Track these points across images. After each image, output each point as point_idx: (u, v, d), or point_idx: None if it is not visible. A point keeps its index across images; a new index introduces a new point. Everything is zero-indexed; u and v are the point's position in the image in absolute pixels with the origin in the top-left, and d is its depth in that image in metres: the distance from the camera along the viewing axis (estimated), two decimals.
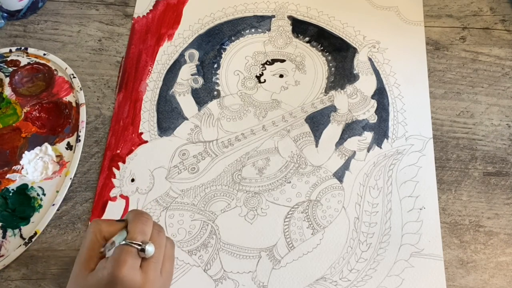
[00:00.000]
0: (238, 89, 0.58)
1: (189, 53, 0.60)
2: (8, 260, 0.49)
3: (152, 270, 0.39)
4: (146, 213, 0.42)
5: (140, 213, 0.42)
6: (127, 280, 0.37)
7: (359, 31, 0.62)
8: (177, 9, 0.63)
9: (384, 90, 0.58)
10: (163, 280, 0.41)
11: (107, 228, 0.41)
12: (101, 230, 0.40)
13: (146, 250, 0.39)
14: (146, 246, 0.39)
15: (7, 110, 0.56)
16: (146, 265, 0.39)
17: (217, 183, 0.53)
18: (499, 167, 0.54)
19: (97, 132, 0.56)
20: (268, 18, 0.63)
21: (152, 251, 0.39)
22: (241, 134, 0.56)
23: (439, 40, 0.61)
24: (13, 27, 0.62)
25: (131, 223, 0.41)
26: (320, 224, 0.51)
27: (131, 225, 0.40)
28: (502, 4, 0.64)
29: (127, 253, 0.38)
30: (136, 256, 0.39)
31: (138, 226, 0.40)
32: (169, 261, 0.43)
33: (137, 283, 0.38)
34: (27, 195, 0.52)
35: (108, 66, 0.60)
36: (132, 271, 0.38)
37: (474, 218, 0.52)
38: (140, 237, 0.39)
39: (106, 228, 0.41)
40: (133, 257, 0.38)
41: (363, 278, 0.49)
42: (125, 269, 0.37)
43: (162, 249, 0.41)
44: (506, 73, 0.59)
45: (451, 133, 0.56)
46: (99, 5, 0.64)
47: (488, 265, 0.49)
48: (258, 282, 0.48)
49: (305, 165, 0.54)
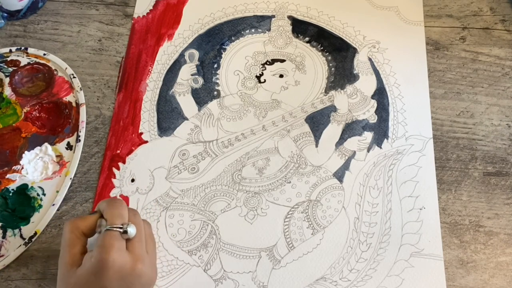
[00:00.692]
0: (238, 89, 0.58)
1: (189, 53, 0.60)
2: (8, 260, 0.49)
3: (138, 248, 0.41)
4: (118, 198, 0.43)
5: (112, 200, 0.43)
6: (117, 262, 0.38)
7: (359, 31, 0.62)
8: (177, 9, 0.63)
9: (384, 90, 0.58)
10: (149, 257, 0.42)
11: (83, 223, 0.42)
12: (78, 226, 0.41)
13: (128, 231, 0.40)
14: (127, 227, 0.40)
15: (7, 110, 0.56)
16: (131, 245, 0.40)
17: (217, 183, 0.53)
18: (499, 167, 0.54)
19: (97, 132, 0.56)
20: (268, 18, 0.63)
21: (134, 232, 0.41)
22: (241, 134, 0.56)
23: (439, 40, 0.61)
24: (13, 27, 0.62)
25: (107, 210, 0.41)
26: (320, 224, 0.51)
27: (107, 212, 0.41)
28: (502, 4, 0.64)
29: (111, 237, 0.39)
30: (120, 239, 0.40)
31: (115, 211, 0.41)
32: (150, 239, 0.45)
33: (127, 263, 0.39)
34: (27, 195, 0.52)
35: (108, 66, 0.60)
36: (120, 252, 0.39)
37: (474, 218, 0.52)
38: (119, 220, 0.40)
39: (82, 224, 0.42)
40: (118, 240, 0.39)
41: (363, 278, 0.49)
42: (113, 252, 0.38)
43: (142, 229, 0.42)
44: (506, 73, 0.59)
45: (451, 133, 0.56)
46: (99, 5, 0.64)
47: (488, 265, 0.49)
48: (258, 282, 0.48)
49: (305, 165, 0.54)
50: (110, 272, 0.38)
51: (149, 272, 0.41)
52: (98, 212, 0.43)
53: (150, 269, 0.42)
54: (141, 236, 0.42)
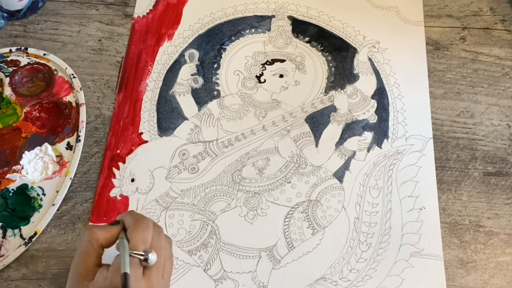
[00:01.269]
0: (238, 89, 0.58)
1: (189, 53, 0.60)
2: (8, 260, 0.49)
3: (155, 277, 0.39)
4: (145, 217, 0.41)
5: (140, 218, 0.41)
6: None
7: (359, 31, 0.62)
8: (177, 9, 0.63)
9: (384, 90, 0.58)
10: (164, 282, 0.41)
11: (103, 235, 0.40)
12: (98, 238, 0.40)
13: (149, 259, 0.38)
14: (149, 255, 0.38)
15: (7, 110, 0.56)
16: (149, 272, 0.39)
17: (217, 183, 0.53)
18: (499, 167, 0.54)
19: (97, 132, 0.56)
20: (268, 18, 0.63)
21: (154, 260, 0.39)
22: (241, 134, 0.56)
23: (439, 40, 0.61)
24: (13, 27, 0.62)
25: (132, 230, 0.40)
26: (320, 224, 0.51)
27: (132, 233, 0.39)
28: (502, 4, 0.64)
29: (133, 265, 0.37)
30: (138, 266, 0.38)
31: (139, 234, 0.39)
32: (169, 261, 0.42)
33: None
34: (27, 195, 0.52)
35: (108, 66, 0.60)
36: (135, 282, 0.37)
37: (474, 218, 0.52)
38: (142, 246, 0.39)
39: (102, 236, 0.40)
40: (136, 268, 0.38)
41: (363, 278, 0.49)
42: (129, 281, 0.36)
43: (162, 253, 0.40)
44: (506, 73, 0.59)
45: (451, 133, 0.56)
46: (99, 5, 0.64)
47: (488, 265, 0.49)
48: (258, 282, 0.48)
49: (305, 165, 0.54)
50: None
51: None
52: (120, 223, 0.41)
53: None
54: (160, 262, 0.40)
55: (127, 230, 0.40)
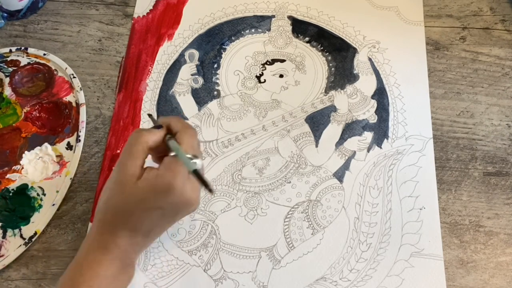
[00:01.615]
0: (238, 89, 0.58)
1: (189, 53, 0.60)
2: (8, 260, 0.49)
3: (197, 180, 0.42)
4: (192, 127, 0.44)
5: (187, 125, 0.44)
6: (180, 189, 0.40)
7: (359, 31, 0.62)
8: (177, 9, 0.63)
9: (384, 90, 0.58)
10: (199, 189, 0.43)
11: (151, 137, 0.42)
12: (147, 140, 0.42)
13: (196, 163, 0.41)
14: (196, 160, 0.41)
15: (7, 110, 0.56)
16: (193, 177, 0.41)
17: (217, 183, 0.53)
18: (499, 167, 0.54)
19: (97, 132, 0.56)
20: (268, 18, 0.63)
21: (201, 165, 0.42)
22: (241, 134, 0.56)
23: (439, 40, 0.61)
24: (13, 27, 0.62)
25: (183, 135, 0.42)
26: (320, 224, 0.51)
27: (184, 138, 0.42)
28: (502, 4, 0.64)
29: (181, 165, 0.40)
30: (186, 167, 0.41)
31: (189, 139, 0.42)
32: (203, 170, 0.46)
33: (187, 192, 0.41)
34: (27, 195, 0.52)
35: (108, 66, 0.60)
36: (184, 181, 0.40)
37: (474, 218, 0.52)
38: (191, 151, 0.42)
39: (150, 138, 0.42)
40: (185, 168, 0.40)
41: (363, 278, 0.49)
42: (178, 179, 0.40)
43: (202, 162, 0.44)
44: (506, 73, 0.59)
45: (451, 133, 0.56)
46: (99, 5, 0.64)
47: (488, 265, 0.49)
48: (258, 282, 0.48)
49: (305, 165, 0.54)
50: (171, 197, 0.40)
51: (198, 203, 0.43)
52: (164, 127, 0.44)
53: (199, 199, 0.43)
54: (202, 169, 0.43)
55: (177, 134, 0.43)
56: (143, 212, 0.40)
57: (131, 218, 0.41)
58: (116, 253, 0.41)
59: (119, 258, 0.41)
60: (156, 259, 0.49)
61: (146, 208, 0.40)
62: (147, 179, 0.40)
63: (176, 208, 0.41)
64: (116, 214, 0.41)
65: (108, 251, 0.41)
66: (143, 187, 0.40)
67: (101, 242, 0.41)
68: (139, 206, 0.40)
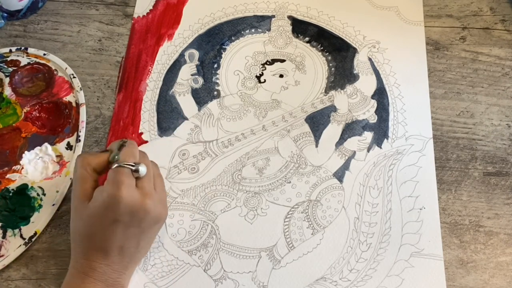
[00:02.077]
0: (238, 89, 0.58)
1: (189, 53, 0.60)
2: (8, 260, 0.49)
3: (147, 186, 0.42)
4: (131, 140, 0.45)
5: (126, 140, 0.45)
6: (127, 198, 0.40)
7: (359, 31, 0.62)
8: (177, 9, 0.63)
9: (384, 90, 0.58)
10: (158, 195, 0.44)
11: (94, 160, 0.43)
12: (89, 163, 0.43)
13: (139, 170, 0.42)
14: (139, 166, 0.42)
15: (7, 110, 0.56)
16: (141, 183, 0.42)
17: (217, 183, 0.53)
18: (499, 167, 0.54)
19: (97, 132, 0.56)
20: (268, 18, 0.63)
21: (144, 171, 0.42)
22: (241, 134, 0.56)
23: (439, 40, 0.61)
24: (13, 27, 0.62)
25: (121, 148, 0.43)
26: (320, 224, 0.51)
27: (121, 150, 0.43)
28: (502, 4, 0.64)
29: (123, 174, 0.41)
30: (130, 176, 0.41)
31: (127, 149, 0.43)
32: (159, 178, 0.46)
33: (137, 200, 0.41)
34: (27, 195, 0.52)
35: (108, 66, 0.60)
36: (130, 189, 0.41)
37: (474, 218, 0.52)
38: (131, 159, 0.42)
39: (93, 161, 0.43)
40: (128, 177, 0.41)
41: (363, 278, 0.49)
42: (123, 188, 0.40)
43: (150, 169, 0.44)
44: (506, 73, 0.59)
45: (451, 133, 0.56)
46: (99, 5, 0.64)
47: (488, 265, 0.49)
48: (258, 282, 0.48)
49: (305, 165, 0.54)
50: (121, 207, 0.40)
51: (158, 208, 0.43)
52: (110, 151, 0.44)
53: (159, 205, 0.43)
54: (149, 175, 0.43)
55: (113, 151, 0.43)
56: (103, 230, 0.41)
57: (95, 239, 0.42)
58: (95, 276, 0.42)
59: (100, 281, 0.42)
60: (156, 259, 0.49)
61: (103, 225, 0.41)
62: (96, 198, 0.41)
63: (133, 217, 0.41)
64: (82, 238, 0.42)
65: (87, 276, 0.42)
66: (94, 207, 0.41)
67: (79, 268, 0.42)
68: (97, 225, 0.41)
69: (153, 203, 0.42)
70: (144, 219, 0.42)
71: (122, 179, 0.40)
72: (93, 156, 0.43)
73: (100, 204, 0.40)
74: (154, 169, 0.46)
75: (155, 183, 0.44)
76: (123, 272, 0.44)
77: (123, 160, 0.42)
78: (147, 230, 0.43)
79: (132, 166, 0.42)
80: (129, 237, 0.42)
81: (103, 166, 0.43)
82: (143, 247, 0.45)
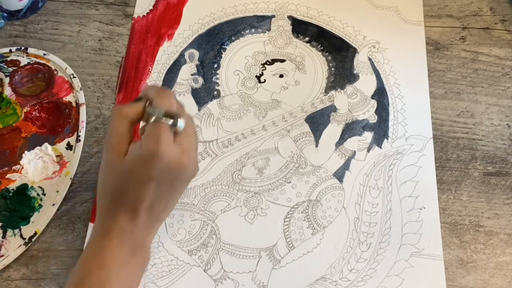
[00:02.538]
0: (238, 89, 0.58)
1: (189, 53, 0.60)
2: (8, 260, 0.49)
3: (185, 142, 0.40)
4: (167, 88, 0.42)
5: (161, 89, 0.42)
6: (166, 154, 0.38)
7: (359, 31, 0.62)
8: (177, 9, 0.63)
9: (384, 90, 0.58)
10: (194, 152, 0.42)
11: (131, 111, 0.41)
12: (127, 114, 0.41)
13: (178, 124, 0.39)
14: (178, 120, 0.39)
15: (7, 110, 0.56)
16: (179, 138, 0.40)
17: (217, 183, 0.53)
18: (499, 167, 0.54)
19: (97, 132, 0.56)
20: (268, 18, 0.63)
21: (183, 125, 0.40)
22: (241, 134, 0.56)
23: (439, 40, 0.61)
24: (13, 27, 0.62)
25: (157, 98, 0.40)
26: (320, 224, 0.51)
27: (158, 101, 0.40)
28: (502, 4, 0.64)
29: (161, 129, 0.38)
30: (168, 131, 0.39)
31: (165, 101, 0.40)
32: (194, 134, 0.43)
33: (175, 156, 0.39)
34: (27, 195, 0.52)
35: (108, 66, 0.60)
36: (169, 145, 0.38)
37: (474, 218, 0.52)
38: (170, 111, 0.40)
39: (130, 112, 0.41)
40: (167, 132, 0.39)
41: (363, 278, 0.49)
42: (162, 144, 0.38)
43: (188, 123, 0.41)
44: (506, 73, 0.59)
45: (451, 133, 0.56)
46: (99, 5, 0.64)
47: (488, 265, 0.49)
48: (258, 282, 0.48)
49: (305, 165, 0.54)
50: (158, 163, 0.38)
51: (194, 166, 0.41)
52: (143, 99, 0.42)
53: (194, 162, 0.42)
54: (188, 130, 0.41)
55: (153, 101, 0.41)
56: (136, 187, 0.39)
57: (127, 196, 0.39)
58: (122, 236, 0.39)
59: (126, 242, 0.39)
60: (156, 259, 0.49)
61: (138, 181, 0.39)
62: (133, 153, 0.39)
63: (168, 175, 0.39)
64: (112, 195, 0.40)
65: (112, 237, 0.39)
66: (130, 161, 0.39)
67: (104, 228, 0.40)
68: (131, 182, 0.39)
69: (190, 160, 0.40)
70: (178, 177, 0.40)
71: (161, 134, 0.38)
72: (129, 107, 0.41)
73: (137, 160, 0.38)
74: (191, 122, 0.43)
75: (190, 139, 0.42)
76: (149, 232, 0.42)
77: (162, 112, 0.39)
78: (178, 188, 0.41)
79: (172, 118, 0.39)
80: (160, 195, 0.40)
81: (139, 116, 0.41)
82: (170, 205, 0.42)
